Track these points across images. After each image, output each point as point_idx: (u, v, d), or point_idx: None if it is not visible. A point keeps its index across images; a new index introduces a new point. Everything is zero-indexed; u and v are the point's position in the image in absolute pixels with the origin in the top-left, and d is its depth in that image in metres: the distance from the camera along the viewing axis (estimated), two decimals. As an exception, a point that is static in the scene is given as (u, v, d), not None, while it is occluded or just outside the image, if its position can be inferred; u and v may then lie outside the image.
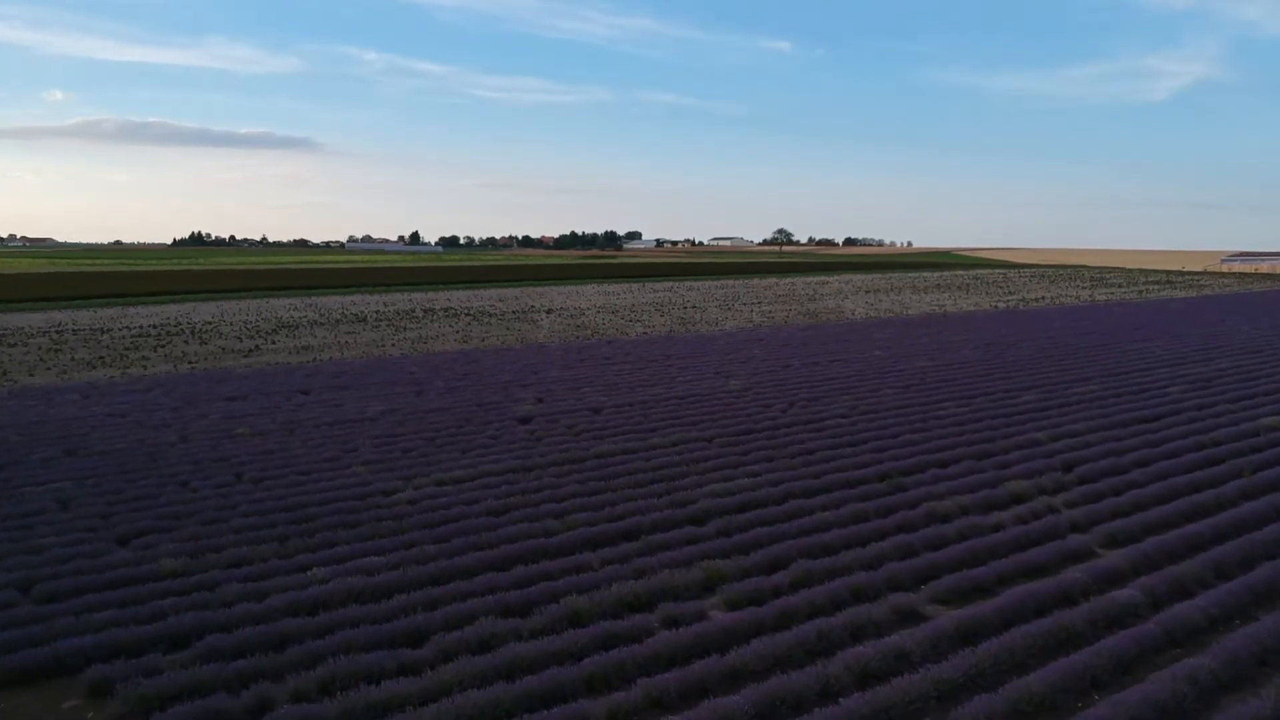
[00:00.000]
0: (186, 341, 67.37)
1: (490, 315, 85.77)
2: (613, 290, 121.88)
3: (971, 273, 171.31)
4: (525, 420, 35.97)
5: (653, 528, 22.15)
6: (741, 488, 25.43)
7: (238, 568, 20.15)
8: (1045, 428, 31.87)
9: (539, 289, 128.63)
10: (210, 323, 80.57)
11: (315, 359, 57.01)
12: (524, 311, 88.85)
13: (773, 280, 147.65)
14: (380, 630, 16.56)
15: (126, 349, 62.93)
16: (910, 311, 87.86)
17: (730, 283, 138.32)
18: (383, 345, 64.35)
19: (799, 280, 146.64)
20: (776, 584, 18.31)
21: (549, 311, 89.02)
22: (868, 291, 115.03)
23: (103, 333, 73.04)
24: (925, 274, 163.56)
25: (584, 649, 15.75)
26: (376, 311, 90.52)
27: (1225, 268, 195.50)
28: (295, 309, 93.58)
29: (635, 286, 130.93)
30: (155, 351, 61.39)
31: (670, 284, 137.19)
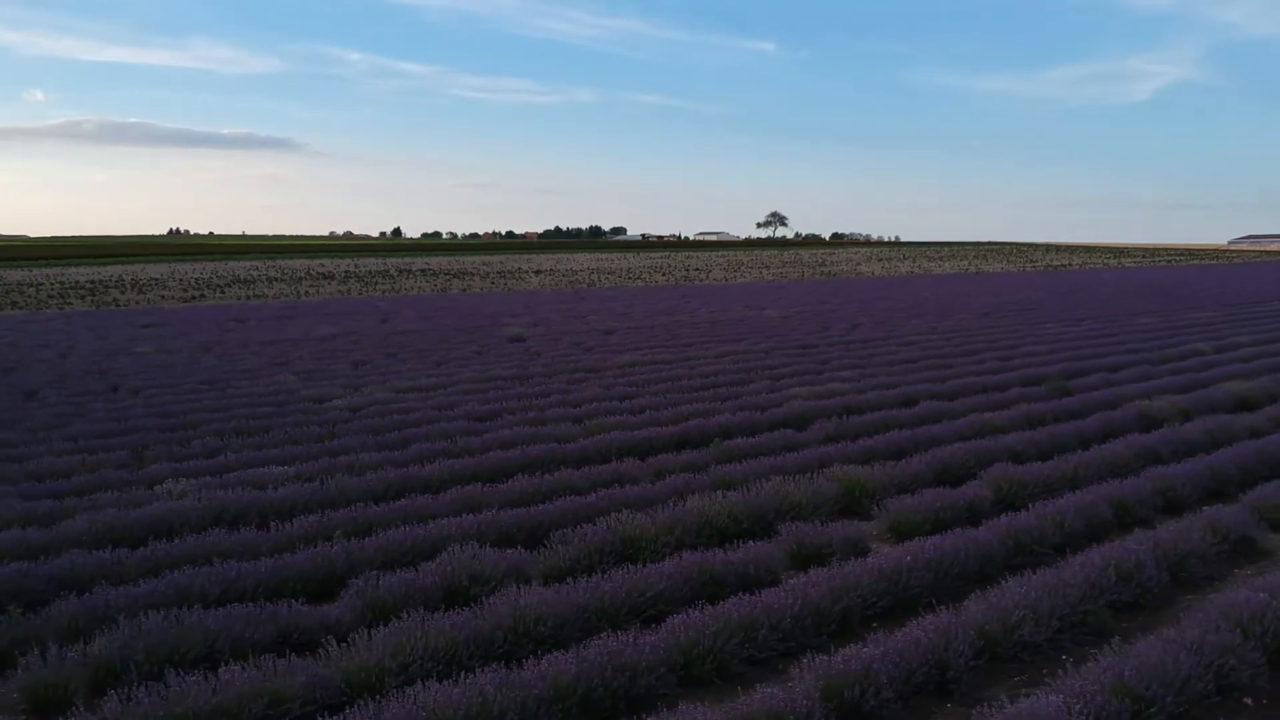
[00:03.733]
0: (123, 291, 58.77)
1: (473, 274, 77.40)
2: (606, 258, 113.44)
3: (977, 248, 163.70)
4: (518, 339, 27.84)
5: (724, 432, 14.19)
6: (836, 391, 17.49)
7: (39, 481, 11.96)
8: (1180, 343, 24.04)
9: (527, 256, 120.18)
10: (157, 279, 71.84)
11: (265, 302, 48.58)
12: (510, 273, 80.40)
13: (775, 252, 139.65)
14: (255, 569, 8.49)
15: (50, 297, 54.31)
16: (936, 272, 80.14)
17: (732, 254, 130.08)
18: (349, 297, 55.88)
19: (804, 252, 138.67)
20: (962, 499, 10.23)
21: (538, 272, 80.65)
22: (880, 260, 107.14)
23: (30, 286, 64.26)
24: (930, 250, 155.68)
25: (657, 603, 7.73)
26: (346, 271, 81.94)
27: (1233, 248, 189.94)
28: (256, 270, 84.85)
29: (630, 255, 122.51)
30: (84, 300, 52.75)
31: (667, 254, 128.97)
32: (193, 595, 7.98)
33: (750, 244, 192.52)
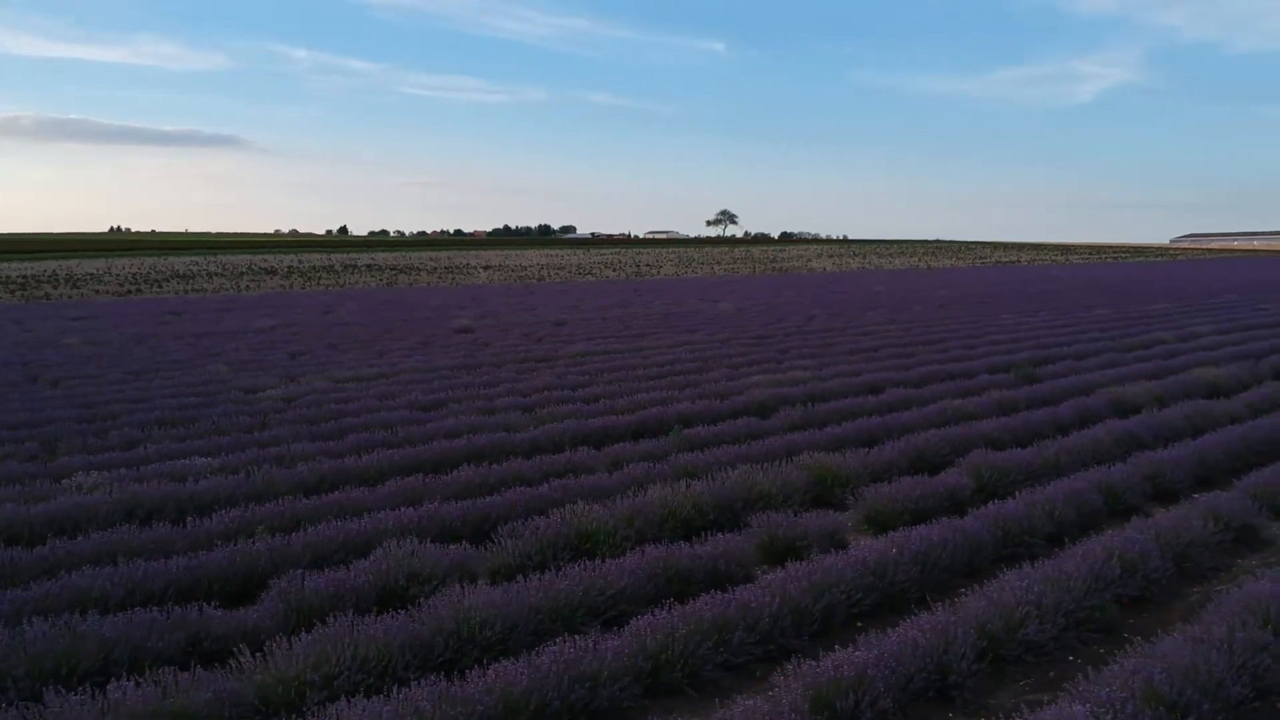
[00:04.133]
0: (56, 286, 56.57)
1: (420, 270, 75.90)
2: (556, 254, 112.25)
3: (926, 246, 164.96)
4: (466, 331, 26.86)
5: (684, 420, 13.47)
6: (798, 379, 16.84)
7: (-68, 474, 10.83)
8: (1140, 332, 23.81)
9: (475, 252, 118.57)
10: (93, 274, 69.40)
11: (204, 296, 46.92)
12: (459, 268, 78.98)
13: (726, 249, 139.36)
14: (166, 569, 7.54)
15: (-25, 289, 52.08)
16: (887, 268, 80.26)
17: (682, 250, 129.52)
18: (291, 292, 54.27)
19: (755, 249, 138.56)
20: (943, 487, 9.55)
21: (487, 268, 79.37)
22: (831, 256, 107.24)
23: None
24: (880, 247, 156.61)
25: (618, 602, 6.92)
26: (290, 266, 79.95)
27: (1175, 246, 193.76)
28: (196, 265, 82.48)
29: (580, 252, 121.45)
30: (14, 295, 50.58)
31: (618, 250, 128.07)
32: (92, 599, 7.02)
33: (701, 242, 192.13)
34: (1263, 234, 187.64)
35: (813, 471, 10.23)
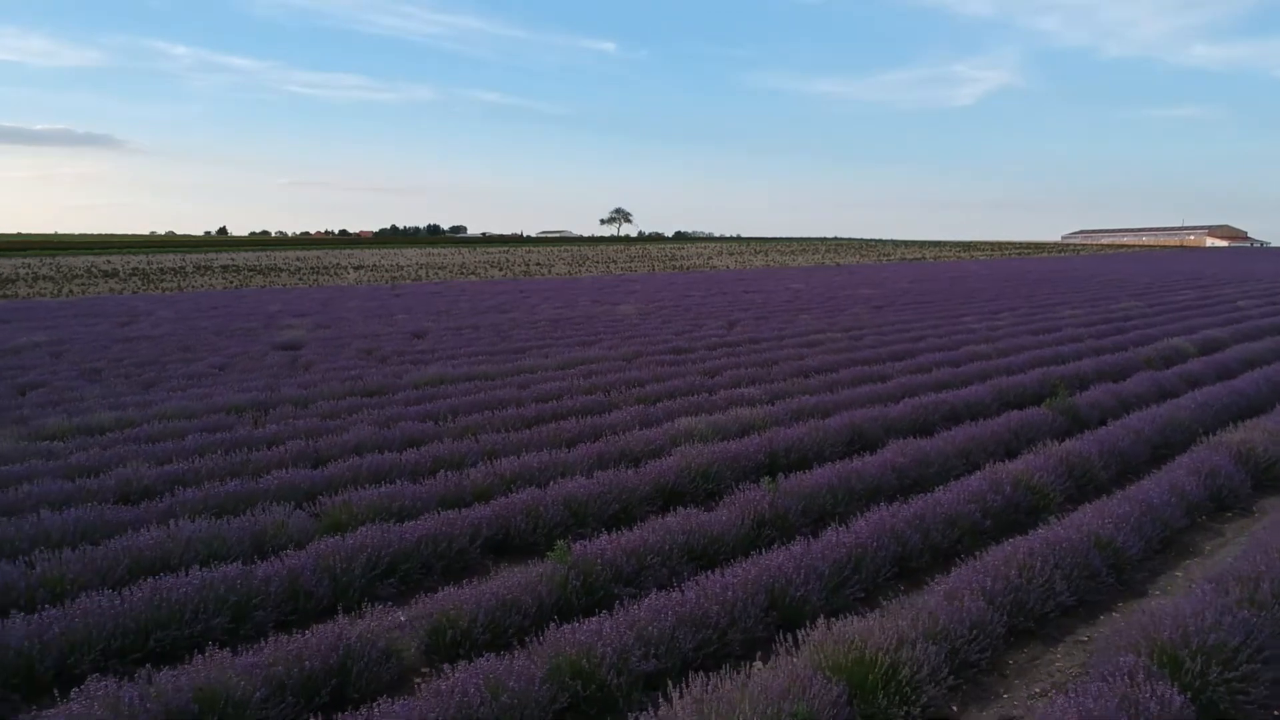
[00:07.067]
0: None
1: (282, 270, 68.18)
2: (438, 253, 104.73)
3: (827, 244, 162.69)
4: (292, 347, 20.61)
5: (574, 515, 7.89)
6: (747, 423, 11.34)
7: None
8: (1157, 336, 19.18)
9: (349, 251, 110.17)
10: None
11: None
12: (328, 268, 71.41)
13: (621, 246, 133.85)
14: None
15: None
16: (793, 266, 75.95)
17: (576, 249, 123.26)
18: (118, 297, 46.50)
19: (651, 247, 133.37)
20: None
21: (359, 268, 72.06)
22: (732, 254, 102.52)
23: None
24: (781, 245, 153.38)
25: None
26: (136, 268, 71.18)
27: (1067, 242, 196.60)
28: (26, 267, 72.86)
29: (466, 251, 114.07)
30: None
31: (507, 249, 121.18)
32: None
33: (595, 241, 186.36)
34: (1150, 229, 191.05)
35: (846, 674, 4.70)
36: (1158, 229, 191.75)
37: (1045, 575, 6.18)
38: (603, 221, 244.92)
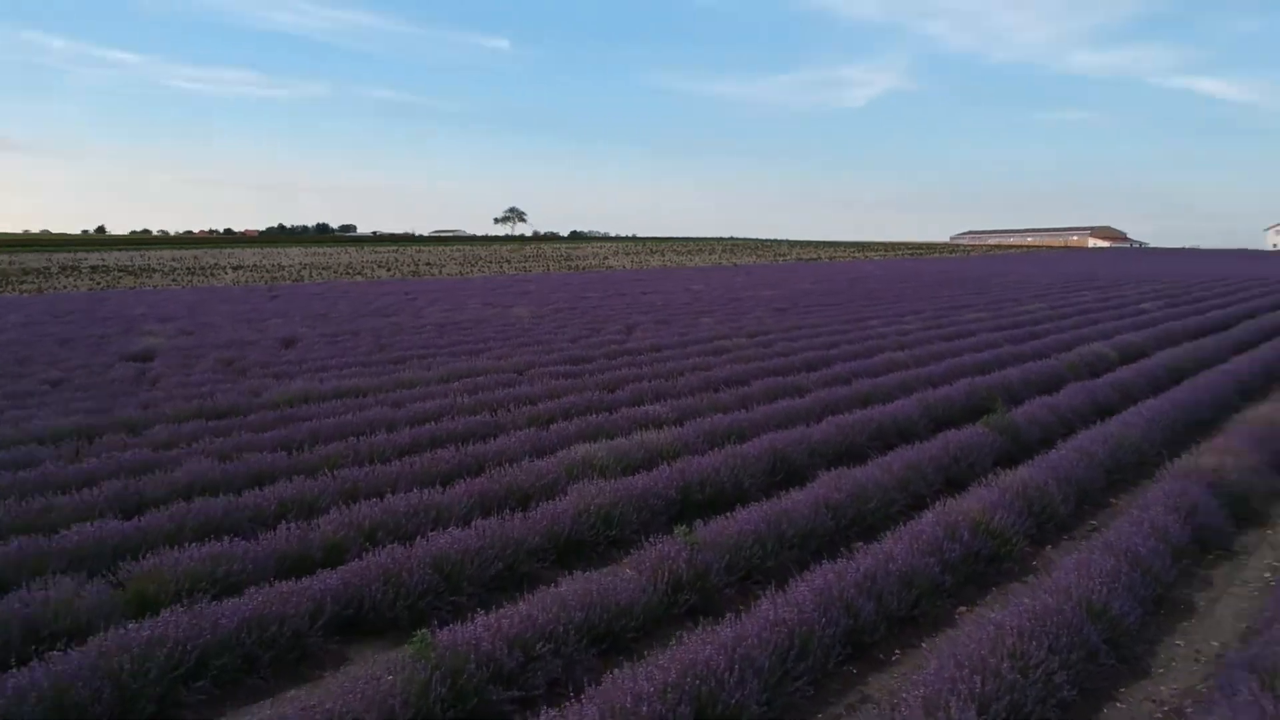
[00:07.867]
0: None
1: (155, 271, 64.25)
2: (324, 252, 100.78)
3: (723, 244, 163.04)
4: (143, 358, 18.40)
5: (447, 574, 6.22)
6: (654, 449, 9.95)
7: None
8: (1075, 342, 18.56)
9: (230, 250, 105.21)
10: None
11: None
12: (204, 269, 67.61)
13: (515, 246, 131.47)
14: None
15: None
16: (690, 266, 75.14)
17: (468, 249, 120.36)
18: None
19: (546, 247, 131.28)
20: None
21: (238, 268, 68.44)
22: (629, 254, 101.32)
23: None
24: (677, 245, 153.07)
25: None
26: (-10, 268, 66.17)
27: (955, 242, 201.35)
28: None
29: (353, 249, 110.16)
30: None
31: (397, 248, 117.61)
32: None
33: (489, 240, 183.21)
34: (1035, 230, 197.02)
35: None
36: (1042, 230, 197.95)
37: (1041, 661, 4.91)
38: (497, 221, 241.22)
